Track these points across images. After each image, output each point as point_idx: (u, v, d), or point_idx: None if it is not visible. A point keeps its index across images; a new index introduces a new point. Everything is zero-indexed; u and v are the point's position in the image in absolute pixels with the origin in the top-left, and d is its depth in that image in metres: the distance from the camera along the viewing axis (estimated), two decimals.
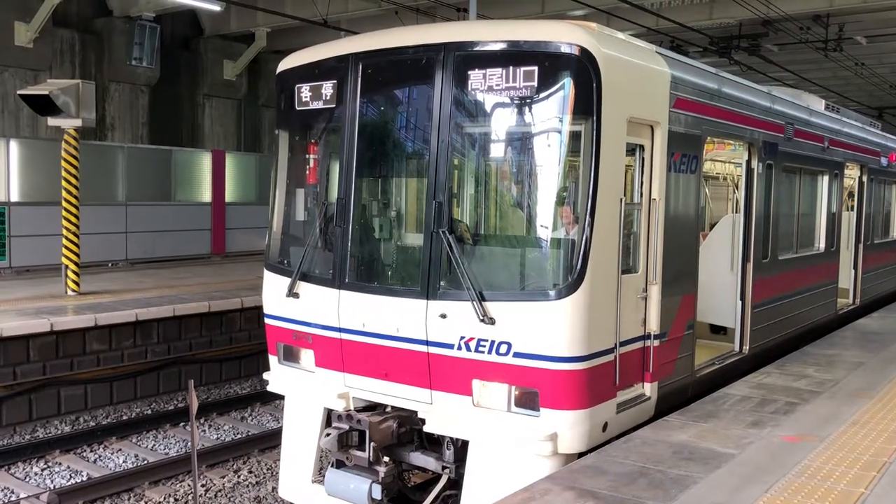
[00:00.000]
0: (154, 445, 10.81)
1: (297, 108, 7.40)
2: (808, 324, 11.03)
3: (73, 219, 13.71)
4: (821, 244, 11.68)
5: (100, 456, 10.36)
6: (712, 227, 10.38)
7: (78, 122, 13.36)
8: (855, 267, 13.43)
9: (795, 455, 5.88)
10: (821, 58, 21.72)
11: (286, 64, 7.62)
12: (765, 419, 6.79)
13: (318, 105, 7.22)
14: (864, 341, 10.54)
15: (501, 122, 6.44)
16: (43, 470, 9.79)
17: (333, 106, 7.12)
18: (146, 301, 13.23)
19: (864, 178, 13.63)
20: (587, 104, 5.97)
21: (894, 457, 5.88)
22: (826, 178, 11.71)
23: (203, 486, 9.43)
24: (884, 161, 14.78)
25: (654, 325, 6.85)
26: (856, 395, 7.64)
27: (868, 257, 13.87)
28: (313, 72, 7.28)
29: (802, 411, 7.07)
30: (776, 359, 9.38)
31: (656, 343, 6.87)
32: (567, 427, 5.98)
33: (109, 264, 18.40)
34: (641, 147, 6.79)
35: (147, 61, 20.77)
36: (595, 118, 5.97)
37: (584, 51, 5.97)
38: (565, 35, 6.07)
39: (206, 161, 21.21)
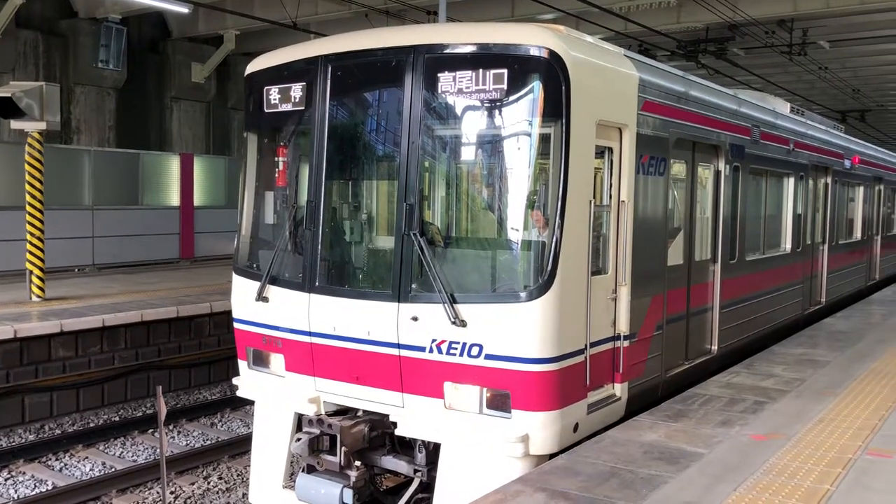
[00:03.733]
0: (122, 453, 10.65)
1: (266, 111, 7.34)
2: (775, 323, 11.18)
3: (37, 223, 13.48)
4: (787, 245, 11.85)
5: (65, 464, 10.18)
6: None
7: (42, 125, 13.16)
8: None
9: (763, 453, 5.95)
10: (786, 62, 22.05)
11: (255, 66, 7.56)
12: (734, 418, 6.86)
13: (287, 107, 7.17)
14: (831, 340, 10.71)
15: (471, 125, 6.44)
16: (6, 479, 9.59)
17: (303, 108, 7.08)
18: (113, 306, 13.04)
19: (829, 180, 13.86)
20: (556, 107, 6.00)
21: (859, 453, 5.97)
22: (792, 179, 11.89)
23: (172, 493, 9.32)
24: (847, 163, 15.05)
25: (623, 326, 6.90)
26: (822, 394, 7.75)
27: (833, 258, 14.11)
28: (282, 74, 7.23)
29: (770, 410, 7.16)
30: (745, 358, 9.49)
31: (626, 344, 6.92)
32: (538, 428, 5.99)
33: (76, 269, 18.13)
34: (610, 149, 6.84)
35: (113, 64, 20.50)
36: (564, 121, 6.00)
37: (552, 54, 6.00)
38: (534, 38, 6.09)
39: (174, 164, 20.98)
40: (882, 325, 11.95)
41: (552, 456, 6.04)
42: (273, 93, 7.24)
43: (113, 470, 9.88)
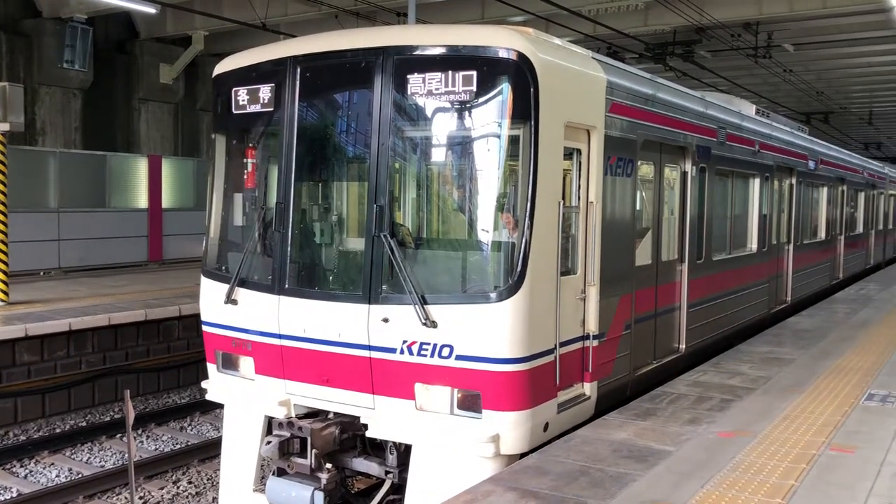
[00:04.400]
0: (89, 458, 10.51)
1: (235, 112, 7.29)
2: (742, 322, 11.34)
3: (0, 226, 13.25)
4: (753, 245, 12.03)
5: (31, 471, 10.01)
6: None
7: (5, 127, 12.96)
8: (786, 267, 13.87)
9: (730, 450, 6.03)
10: (751, 64, 22.38)
11: (223, 67, 7.51)
12: (701, 416, 6.95)
13: (256, 109, 7.14)
14: (796, 338, 10.88)
15: (441, 127, 6.46)
16: None
17: (271, 109, 7.05)
18: (80, 310, 12.85)
19: (793, 181, 14.09)
20: (525, 109, 6.04)
21: (822, 449, 6.09)
22: (757, 180, 12.07)
23: (141, 498, 9.22)
24: (811, 165, 15.31)
25: (592, 326, 6.96)
26: (787, 391, 7.88)
27: (798, 257, 14.34)
28: (251, 75, 7.20)
29: (737, 408, 7.26)
30: (712, 357, 9.61)
31: (595, 343, 6.98)
32: (509, 428, 6.02)
33: (41, 273, 17.83)
34: (578, 151, 6.90)
35: (79, 64, 20.21)
36: (533, 122, 6.04)
37: (521, 56, 6.04)
38: (503, 40, 6.13)
39: (141, 166, 20.73)
40: (845, 324, 12.18)
41: (522, 455, 6.08)
42: (242, 94, 7.20)
43: (80, 476, 9.74)
